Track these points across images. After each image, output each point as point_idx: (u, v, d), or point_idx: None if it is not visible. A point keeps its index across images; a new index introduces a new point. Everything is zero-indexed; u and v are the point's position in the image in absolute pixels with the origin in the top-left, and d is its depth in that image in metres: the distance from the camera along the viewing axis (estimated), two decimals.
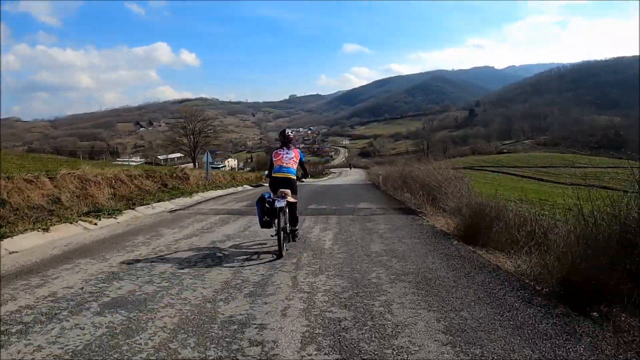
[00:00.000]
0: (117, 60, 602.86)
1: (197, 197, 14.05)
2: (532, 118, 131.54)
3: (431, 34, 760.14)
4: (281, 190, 5.42)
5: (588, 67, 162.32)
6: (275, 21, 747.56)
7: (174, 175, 18.06)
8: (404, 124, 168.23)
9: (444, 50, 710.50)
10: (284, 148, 5.87)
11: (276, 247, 5.26)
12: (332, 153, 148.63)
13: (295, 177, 5.81)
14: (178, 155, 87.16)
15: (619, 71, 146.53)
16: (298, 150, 6.04)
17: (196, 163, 69.33)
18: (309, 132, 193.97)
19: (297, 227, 6.07)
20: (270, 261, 4.98)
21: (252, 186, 22.01)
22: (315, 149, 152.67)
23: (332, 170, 68.60)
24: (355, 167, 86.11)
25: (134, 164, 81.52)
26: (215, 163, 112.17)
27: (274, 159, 5.82)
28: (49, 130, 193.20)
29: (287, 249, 5.43)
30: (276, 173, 5.70)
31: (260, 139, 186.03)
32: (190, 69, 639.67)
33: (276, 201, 5.30)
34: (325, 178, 46.35)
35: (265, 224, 5.57)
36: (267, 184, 6.16)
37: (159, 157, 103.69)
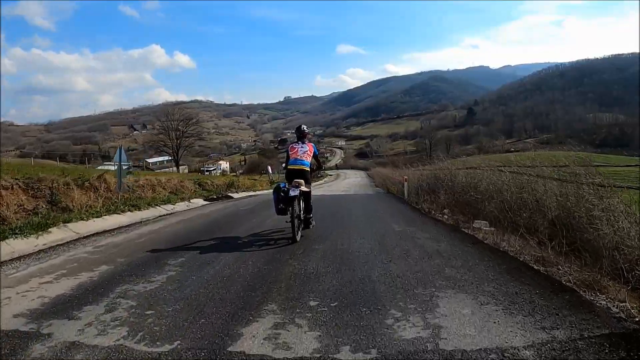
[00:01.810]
0: (112, 63, 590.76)
1: (57, 236, 6.44)
2: (534, 116, 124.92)
3: (426, 35, 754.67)
4: (296, 180, 5.71)
5: (588, 65, 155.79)
6: (268, 22, 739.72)
7: (85, 184, 10.53)
8: (402, 124, 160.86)
9: (439, 50, 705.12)
10: (299, 142, 6.17)
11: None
12: (328, 155, 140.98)
13: (309, 169, 6.03)
14: (168, 158, 77.84)
15: (620, 69, 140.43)
16: (312, 144, 6.27)
17: (179, 167, 61.52)
18: None
19: (311, 215, 6.27)
20: (286, 245, 5.31)
21: (209, 200, 14.17)
22: None
23: (328, 172, 60.21)
24: (353, 168, 78.53)
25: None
26: (206, 166, 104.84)
27: (290, 152, 6.14)
28: (43, 134, 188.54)
29: (301, 235, 5.70)
30: (291, 165, 5.98)
31: (254, 140, 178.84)
32: (185, 71, 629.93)
33: (290, 190, 5.53)
34: (321, 181, 38.35)
35: (280, 211, 5.77)
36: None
37: (147, 160, 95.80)
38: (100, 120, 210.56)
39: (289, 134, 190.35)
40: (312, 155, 6.17)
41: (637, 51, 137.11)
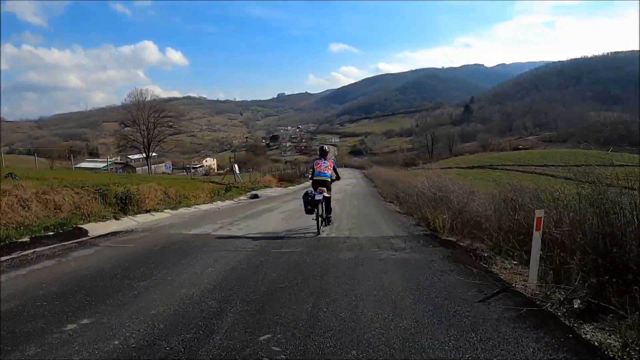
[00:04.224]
0: (104, 61, 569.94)
1: None
2: (533, 114, 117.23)
3: (418, 34, 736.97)
4: (320, 188, 6.97)
5: (585, 63, 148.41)
6: (261, 21, 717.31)
7: None
8: (396, 121, 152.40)
9: (431, 49, 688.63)
10: (322, 159, 7.40)
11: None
12: None
13: (329, 180, 7.26)
14: (152, 154, 66.55)
15: (618, 67, 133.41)
16: (332, 160, 7.56)
17: (151, 167, 52.23)
18: (297, 130, 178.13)
19: (330, 215, 7.40)
20: (313, 236, 6.61)
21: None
22: (303, 148, 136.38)
23: None
24: (347, 166, 69.66)
25: (102, 165, 64.32)
26: (192, 164, 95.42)
27: (315, 167, 7.34)
28: (34, 131, 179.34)
29: (323, 230, 6.94)
30: (316, 177, 7.19)
31: (246, 137, 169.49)
32: (178, 69, 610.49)
33: (316, 195, 6.80)
34: (301, 185, 28.54)
35: (308, 212, 6.97)
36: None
37: (129, 156, 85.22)
38: (92, 116, 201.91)
39: (281, 131, 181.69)
40: (332, 169, 7.37)
41: (637, 49, 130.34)
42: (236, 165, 23.55)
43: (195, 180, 20.19)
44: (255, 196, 16.03)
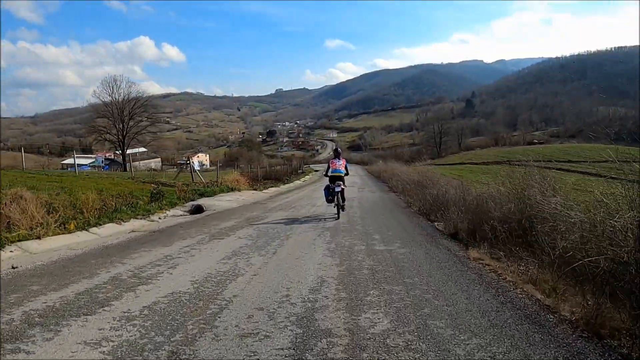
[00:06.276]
0: (101, 57, 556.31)
1: None
2: (537, 109, 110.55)
3: (415, 30, 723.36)
4: (337, 182, 8.36)
5: (588, 58, 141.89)
6: (257, 17, 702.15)
7: None
8: (396, 116, 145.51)
9: (428, 45, 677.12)
10: (337, 158, 8.79)
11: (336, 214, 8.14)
12: (319, 147, 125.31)
13: (343, 175, 8.60)
14: (141, 149, 58.41)
15: (623, 61, 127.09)
16: (345, 159, 8.92)
17: (129, 165, 44.74)
18: (295, 126, 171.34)
19: (344, 203, 8.62)
20: (333, 220, 7.92)
21: None
22: (300, 143, 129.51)
23: (313, 168, 42.72)
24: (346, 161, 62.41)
25: (88, 161, 57.57)
26: (183, 159, 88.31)
27: (330, 165, 8.80)
28: (28, 127, 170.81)
29: (341, 213, 8.34)
30: (333, 173, 8.61)
31: (243, 133, 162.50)
32: (175, 64, 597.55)
33: (335, 188, 8.24)
34: (290, 184, 21.49)
35: (329, 201, 8.52)
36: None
37: (117, 152, 77.08)
38: (87, 112, 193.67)
39: (279, 127, 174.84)
40: (344, 166, 8.73)
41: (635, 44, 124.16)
42: (195, 160, 16.71)
43: (130, 181, 13.31)
44: (199, 209, 9.12)
